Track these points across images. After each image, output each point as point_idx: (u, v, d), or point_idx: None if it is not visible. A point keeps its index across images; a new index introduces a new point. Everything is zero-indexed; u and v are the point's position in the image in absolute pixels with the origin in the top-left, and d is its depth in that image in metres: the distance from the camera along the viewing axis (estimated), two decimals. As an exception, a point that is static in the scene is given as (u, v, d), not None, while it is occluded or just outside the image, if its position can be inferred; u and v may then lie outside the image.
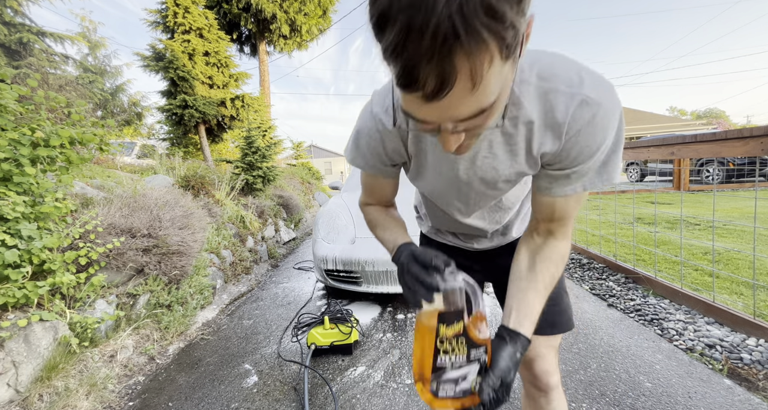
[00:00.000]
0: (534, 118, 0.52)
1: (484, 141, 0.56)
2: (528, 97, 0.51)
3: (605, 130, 0.51)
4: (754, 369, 1.53)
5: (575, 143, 0.52)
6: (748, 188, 6.91)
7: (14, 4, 4.32)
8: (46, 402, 1.38)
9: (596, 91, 0.49)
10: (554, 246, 0.64)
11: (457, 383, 0.51)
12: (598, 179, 0.56)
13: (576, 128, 0.51)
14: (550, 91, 0.50)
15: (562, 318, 0.82)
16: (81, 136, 1.77)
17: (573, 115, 0.50)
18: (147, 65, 6.26)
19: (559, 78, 0.50)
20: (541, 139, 0.54)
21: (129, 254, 1.96)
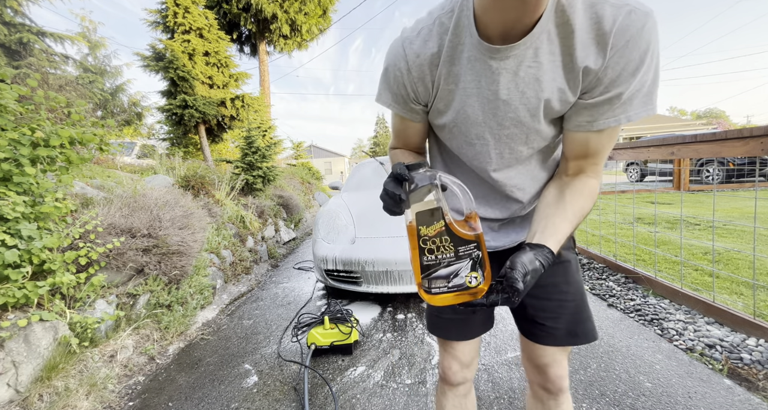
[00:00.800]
0: (580, 28, 0.51)
1: (529, 49, 0.54)
2: (574, 7, 0.51)
3: (649, 44, 0.49)
4: (754, 369, 1.53)
5: (621, 56, 0.50)
6: (748, 188, 6.91)
7: (14, 4, 4.32)
8: (46, 402, 1.38)
9: (642, 4, 0.49)
10: (584, 182, 0.62)
11: (449, 279, 0.52)
12: (643, 108, 0.54)
13: (624, 39, 0.49)
14: (597, 3, 0.50)
15: (585, 327, 0.77)
16: (81, 136, 1.77)
17: (620, 24, 0.49)
18: (147, 65, 6.25)
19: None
20: (585, 50, 0.52)
21: (129, 254, 1.96)
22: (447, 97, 0.63)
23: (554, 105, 0.58)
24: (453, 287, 0.52)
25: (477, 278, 0.52)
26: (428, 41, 0.61)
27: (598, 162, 0.62)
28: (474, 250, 0.52)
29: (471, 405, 0.90)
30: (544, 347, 0.77)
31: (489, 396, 1.48)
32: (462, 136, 0.67)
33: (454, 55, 0.59)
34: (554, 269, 0.76)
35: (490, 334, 1.99)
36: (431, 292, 0.53)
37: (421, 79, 0.63)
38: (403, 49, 0.62)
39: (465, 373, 0.85)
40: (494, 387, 1.54)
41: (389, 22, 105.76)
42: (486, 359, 1.76)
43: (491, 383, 1.56)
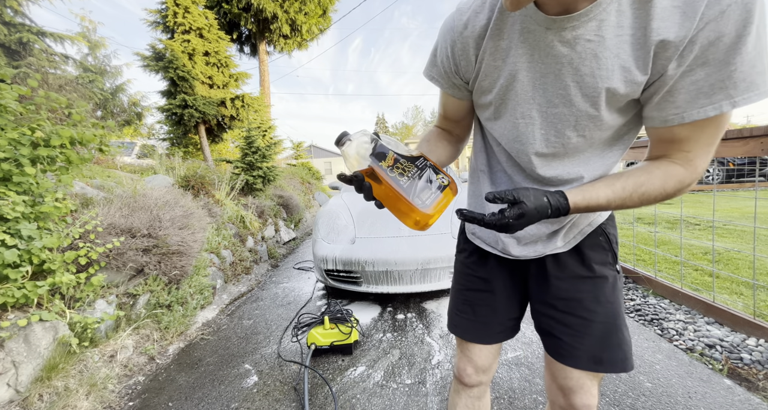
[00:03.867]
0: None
1: (592, 20, 0.47)
2: None
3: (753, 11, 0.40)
4: (754, 369, 1.53)
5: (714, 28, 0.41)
6: (748, 188, 6.91)
7: (14, 4, 4.32)
8: (46, 402, 1.38)
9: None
10: (662, 164, 0.52)
11: (430, 185, 0.58)
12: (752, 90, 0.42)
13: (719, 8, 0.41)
14: None
15: (614, 355, 0.66)
16: (81, 136, 1.77)
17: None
18: (147, 65, 6.25)
19: None
20: (664, 20, 0.44)
21: (129, 254, 1.96)
22: (493, 73, 0.59)
23: (618, 87, 0.50)
24: (437, 189, 0.59)
25: (444, 177, 0.60)
26: (479, 13, 0.57)
27: (690, 151, 0.50)
28: (425, 161, 0.61)
29: (485, 408, 0.88)
30: (568, 368, 0.70)
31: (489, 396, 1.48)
32: (507, 115, 0.61)
33: (503, 28, 0.55)
34: (581, 284, 0.69)
35: (490, 334, 2.00)
36: (427, 205, 0.57)
37: (465, 53, 0.60)
38: (453, 21, 0.60)
39: (480, 377, 0.83)
40: (494, 387, 1.54)
41: (388, 21, 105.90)
42: (486, 359, 1.76)
43: (491, 383, 1.56)
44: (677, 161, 0.52)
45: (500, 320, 0.80)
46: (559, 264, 0.71)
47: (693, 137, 0.49)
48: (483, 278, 0.80)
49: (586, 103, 0.53)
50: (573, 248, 0.70)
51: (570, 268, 0.70)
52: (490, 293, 0.80)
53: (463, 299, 0.84)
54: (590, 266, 0.69)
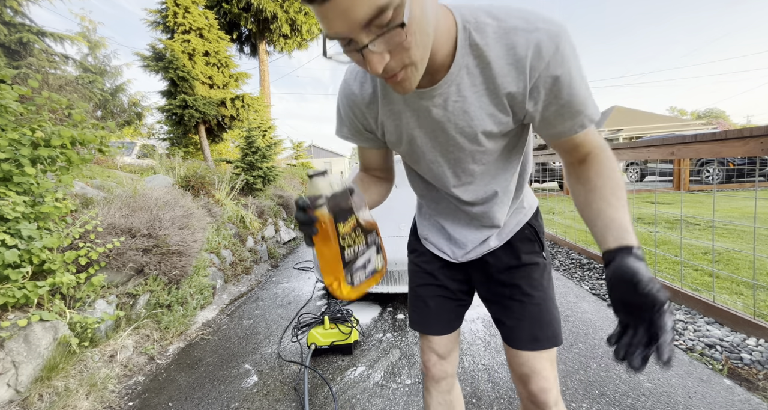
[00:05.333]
0: (495, 58, 0.53)
1: (452, 85, 0.57)
2: (487, 39, 0.52)
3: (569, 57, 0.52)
4: (754, 369, 1.53)
5: (547, 75, 0.52)
6: (748, 188, 6.91)
7: (14, 4, 4.32)
8: (46, 402, 1.38)
9: (552, 24, 0.51)
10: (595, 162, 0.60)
11: (365, 267, 0.58)
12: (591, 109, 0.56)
13: (543, 61, 0.51)
14: (509, 30, 0.52)
15: (546, 333, 0.76)
16: (82, 137, 1.77)
17: (534, 48, 0.51)
18: (147, 65, 6.25)
19: (516, 17, 0.52)
20: (505, 77, 0.54)
21: (129, 254, 1.96)
22: (395, 131, 0.68)
23: (491, 129, 0.61)
24: (369, 273, 0.58)
25: (381, 259, 0.60)
26: (364, 83, 0.65)
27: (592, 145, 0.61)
28: (376, 237, 0.60)
29: (457, 402, 0.93)
30: (518, 354, 0.77)
31: (489, 396, 1.48)
32: (421, 161, 0.73)
33: (390, 96, 0.63)
34: (516, 272, 0.79)
35: (491, 334, 1.99)
36: (353, 283, 0.56)
37: (365, 116, 0.69)
38: (345, 90, 0.68)
39: (444, 366, 0.88)
40: (494, 387, 1.54)
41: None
42: (486, 359, 1.76)
43: (491, 383, 1.56)
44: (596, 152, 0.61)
45: (451, 307, 0.89)
46: (495, 258, 0.82)
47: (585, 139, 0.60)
48: (431, 273, 0.90)
49: (473, 144, 0.64)
50: (506, 243, 0.81)
51: (504, 260, 0.81)
52: (439, 287, 0.89)
53: (416, 296, 0.92)
54: (520, 256, 0.80)
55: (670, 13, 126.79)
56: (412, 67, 0.47)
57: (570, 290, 2.59)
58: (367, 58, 0.44)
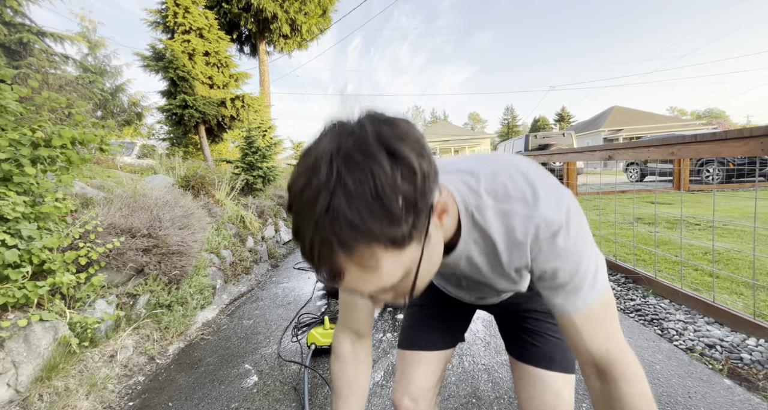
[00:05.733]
0: (497, 236, 0.55)
1: (461, 258, 0.59)
2: (489, 219, 0.54)
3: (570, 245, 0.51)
4: (754, 369, 1.53)
5: (544, 259, 0.53)
6: (748, 188, 6.91)
7: (14, 4, 4.32)
8: (46, 402, 1.38)
9: (552, 209, 0.50)
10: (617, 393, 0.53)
11: None
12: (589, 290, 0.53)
13: (538, 247, 0.52)
14: (508, 213, 0.53)
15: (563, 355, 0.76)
16: (82, 136, 1.77)
17: (532, 236, 0.52)
18: (147, 65, 6.25)
19: (514, 198, 0.52)
20: (509, 256, 0.56)
21: (129, 254, 1.96)
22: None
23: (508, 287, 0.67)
24: None
25: None
26: None
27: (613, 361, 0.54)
28: None
29: None
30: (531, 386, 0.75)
31: (489, 396, 1.48)
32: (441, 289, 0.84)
33: None
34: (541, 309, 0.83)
35: (491, 334, 1.99)
36: None
37: None
38: None
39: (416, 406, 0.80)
40: (494, 387, 1.54)
41: (388, 21, 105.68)
42: (486, 359, 1.76)
43: (491, 383, 1.56)
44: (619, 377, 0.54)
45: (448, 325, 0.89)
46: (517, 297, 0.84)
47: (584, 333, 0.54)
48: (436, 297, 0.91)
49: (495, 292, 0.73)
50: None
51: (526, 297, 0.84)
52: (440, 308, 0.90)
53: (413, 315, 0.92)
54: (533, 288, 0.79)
55: (671, 13, 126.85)
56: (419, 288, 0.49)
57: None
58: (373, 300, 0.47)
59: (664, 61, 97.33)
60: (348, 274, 0.38)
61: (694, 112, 57.46)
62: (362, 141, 0.35)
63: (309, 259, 0.38)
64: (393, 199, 0.34)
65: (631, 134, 25.03)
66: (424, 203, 0.37)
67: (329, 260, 0.37)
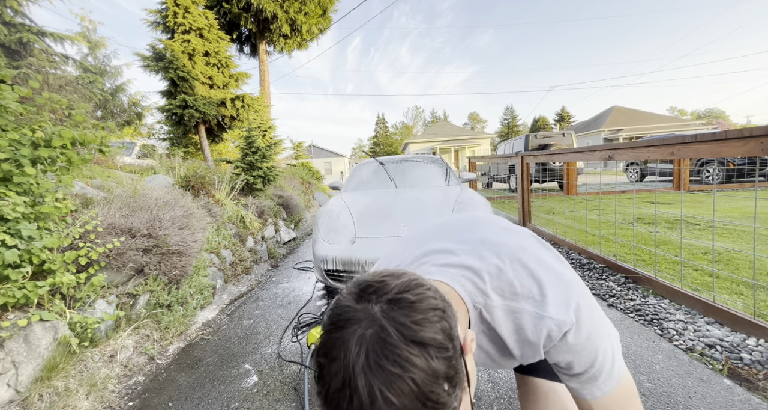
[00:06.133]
0: (506, 334, 0.55)
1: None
2: (498, 318, 0.54)
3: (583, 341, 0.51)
4: (754, 369, 1.53)
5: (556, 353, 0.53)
6: (748, 188, 6.91)
7: (14, 4, 4.32)
8: (46, 402, 1.38)
9: (561, 310, 0.51)
10: None
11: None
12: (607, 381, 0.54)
13: (551, 343, 0.52)
14: (517, 311, 0.53)
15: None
16: (82, 137, 1.77)
17: (544, 336, 0.52)
18: (147, 65, 6.25)
19: (521, 296, 0.53)
20: (520, 352, 0.56)
21: (129, 254, 1.96)
22: None
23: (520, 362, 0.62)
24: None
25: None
26: None
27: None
28: None
29: None
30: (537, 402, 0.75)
31: (489, 396, 1.48)
32: None
33: None
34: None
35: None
36: None
37: None
38: None
39: None
40: (494, 387, 1.54)
41: (387, 21, 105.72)
42: (486, 359, 1.76)
43: (491, 383, 1.56)
44: None
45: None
46: None
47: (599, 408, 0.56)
48: None
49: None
50: None
51: None
52: None
53: None
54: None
55: (671, 13, 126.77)
56: None
57: (570, 290, 2.58)
58: None
59: (664, 61, 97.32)
60: None
61: (694, 112, 57.47)
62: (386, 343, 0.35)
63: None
64: (437, 390, 0.34)
65: (631, 134, 25.03)
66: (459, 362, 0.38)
67: None
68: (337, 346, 0.36)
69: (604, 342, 0.53)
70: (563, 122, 49.11)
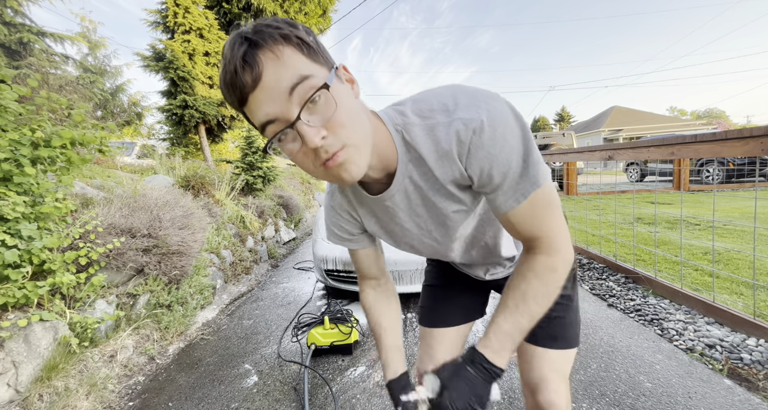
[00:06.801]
0: (427, 153, 0.54)
1: (405, 178, 0.59)
2: (417, 137, 0.54)
3: (502, 139, 0.50)
4: (754, 369, 1.53)
5: (481, 162, 0.51)
6: (748, 188, 6.91)
7: (14, 4, 4.32)
8: (46, 402, 1.38)
9: (470, 110, 0.49)
10: (531, 261, 0.58)
11: None
12: (525, 184, 0.53)
13: (465, 149, 0.51)
14: (434, 127, 0.52)
15: (566, 333, 0.78)
16: (83, 138, 1.77)
17: (457, 140, 0.51)
18: (147, 65, 6.25)
19: (437, 111, 0.52)
20: (441, 169, 0.55)
21: (129, 254, 1.96)
22: (374, 226, 0.72)
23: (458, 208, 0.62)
24: None
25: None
26: (334, 193, 0.73)
27: (541, 241, 0.57)
28: None
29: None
30: (527, 350, 0.79)
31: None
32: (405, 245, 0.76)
33: (361, 201, 0.68)
34: None
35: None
36: None
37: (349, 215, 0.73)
38: (325, 206, 0.76)
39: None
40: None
41: (387, 21, 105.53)
42: (486, 359, 1.76)
43: (491, 383, 1.56)
44: (539, 251, 0.58)
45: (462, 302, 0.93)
46: None
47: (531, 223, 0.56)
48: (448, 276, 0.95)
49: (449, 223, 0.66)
50: None
51: None
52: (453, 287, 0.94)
53: (428, 295, 0.98)
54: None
55: (671, 12, 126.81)
56: (353, 148, 0.47)
57: (570, 290, 2.59)
58: (302, 132, 0.44)
59: (664, 61, 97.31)
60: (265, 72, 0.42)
61: (694, 112, 57.44)
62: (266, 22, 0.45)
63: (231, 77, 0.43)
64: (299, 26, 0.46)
65: (631, 134, 25.03)
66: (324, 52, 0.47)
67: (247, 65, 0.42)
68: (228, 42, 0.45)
69: (521, 145, 0.51)
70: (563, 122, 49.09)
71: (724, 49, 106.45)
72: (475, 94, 0.51)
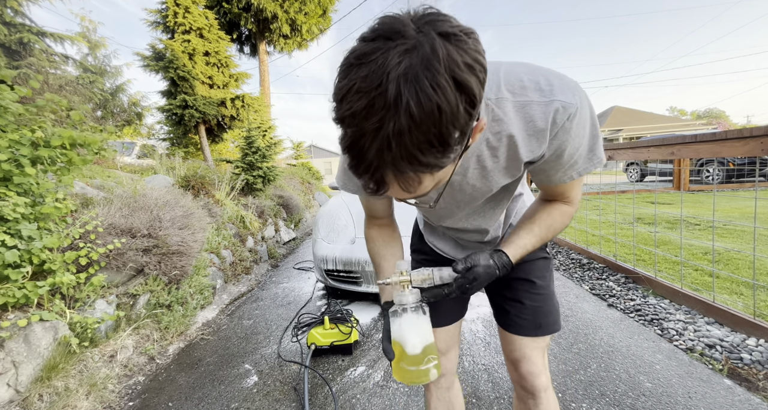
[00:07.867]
0: (516, 131, 0.56)
1: (472, 157, 0.60)
2: (507, 113, 0.55)
3: (583, 126, 0.56)
4: (754, 369, 1.53)
5: (560, 142, 0.57)
6: (748, 188, 6.91)
7: (14, 4, 4.32)
8: (46, 402, 1.38)
9: (566, 94, 0.53)
10: (558, 206, 0.70)
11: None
12: (590, 163, 0.62)
13: (556, 129, 0.55)
14: (526, 105, 0.54)
15: (548, 320, 0.84)
16: (82, 138, 1.77)
17: (552, 120, 0.54)
18: (147, 65, 6.25)
19: (530, 89, 0.54)
20: (527, 147, 0.58)
21: (129, 254, 1.96)
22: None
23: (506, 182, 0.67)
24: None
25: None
26: None
27: (569, 197, 0.70)
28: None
29: (456, 399, 0.94)
30: (514, 339, 0.84)
31: (489, 396, 1.48)
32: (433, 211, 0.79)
33: None
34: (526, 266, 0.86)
35: (491, 334, 1.99)
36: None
37: None
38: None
39: (443, 363, 0.89)
40: (494, 387, 1.54)
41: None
42: (486, 359, 1.76)
43: (491, 383, 1.57)
44: (564, 201, 0.71)
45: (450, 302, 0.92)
46: None
47: (568, 188, 0.68)
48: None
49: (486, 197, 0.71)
50: None
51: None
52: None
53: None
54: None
55: (671, 13, 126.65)
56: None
57: (570, 290, 2.59)
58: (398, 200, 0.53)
59: (664, 61, 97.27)
60: (391, 189, 0.43)
61: (694, 112, 57.41)
62: (431, 66, 0.34)
63: (358, 172, 0.41)
64: (451, 133, 0.37)
65: (631, 134, 25.03)
66: (471, 130, 0.41)
67: (379, 178, 0.40)
68: (376, 53, 0.35)
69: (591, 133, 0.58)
70: (563, 122, 48.90)
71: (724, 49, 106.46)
72: (564, 78, 0.55)
